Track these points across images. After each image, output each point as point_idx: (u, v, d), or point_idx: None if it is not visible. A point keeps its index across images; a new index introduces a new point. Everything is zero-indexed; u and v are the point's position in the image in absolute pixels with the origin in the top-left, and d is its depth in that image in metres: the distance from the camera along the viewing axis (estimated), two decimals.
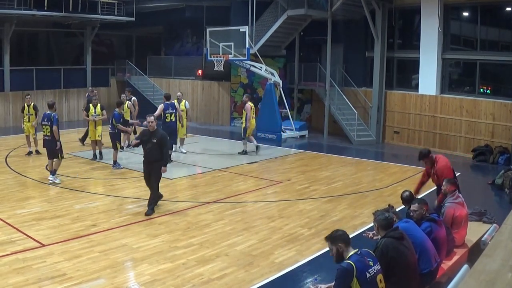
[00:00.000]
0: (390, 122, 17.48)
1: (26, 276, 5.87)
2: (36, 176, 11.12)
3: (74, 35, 23.29)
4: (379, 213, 4.85)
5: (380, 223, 4.74)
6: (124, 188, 10.24)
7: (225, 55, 17.05)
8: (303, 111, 21.12)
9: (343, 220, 8.54)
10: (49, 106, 10.63)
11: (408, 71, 17.70)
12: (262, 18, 18.79)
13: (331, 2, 17.21)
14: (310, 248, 7.18)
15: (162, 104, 13.11)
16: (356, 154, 15.33)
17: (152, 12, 23.13)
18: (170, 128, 12.60)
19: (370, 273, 4.19)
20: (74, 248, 6.85)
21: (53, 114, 10.34)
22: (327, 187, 10.88)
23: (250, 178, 11.57)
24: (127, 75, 23.38)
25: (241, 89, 20.77)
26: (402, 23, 18.16)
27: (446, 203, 6.31)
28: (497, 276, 3.47)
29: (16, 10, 18.21)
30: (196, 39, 23.16)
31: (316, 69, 19.08)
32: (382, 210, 4.97)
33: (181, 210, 8.91)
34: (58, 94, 21.08)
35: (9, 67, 19.60)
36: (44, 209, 8.64)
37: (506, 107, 14.19)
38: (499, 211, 8.89)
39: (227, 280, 6.03)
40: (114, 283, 5.82)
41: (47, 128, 10.32)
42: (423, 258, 4.90)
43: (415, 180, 11.73)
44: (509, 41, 15.08)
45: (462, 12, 16.18)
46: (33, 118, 13.30)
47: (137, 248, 6.95)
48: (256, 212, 9.05)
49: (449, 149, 15.59)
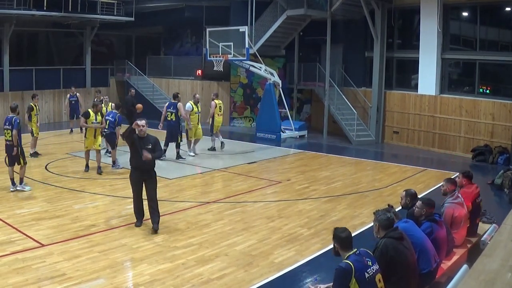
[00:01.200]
0: (389, 122, 17.49)
1: (26, 276, 5.86)
2: (35, 176, 11.11)
3: (74, 35, 23.29)
4: (381, 213, 4.85)
5: (382, 223, 4.74)
6: (124, 188, 10.21)
7: (224, 55, 17.04)
8: (302, 111, 21.13)
9: (342, 220, 8.53)
10: (12, 110, 9.90)
11: (408, 71, 17.72)
12: (262, 18, 18.81)
13: (331, 2, 17.22)
14: (310, 248, 7.18)
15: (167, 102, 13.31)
16: (356, 154, 15.33)
17: (151, 12, 23.14)
18: (170, 127, 12.86)
19: (368, 273, 4.20)
20: (73, 248, 6.84)
21: (15, 118, 9.59)
22: (327, 187, 10.88)
23: (249, 178, 11.57)
24: (126, 75, 23.38)
25: (241, 89, 20.79)
26: (401, 23, 18.16)
27: (446, 203, 6.31)
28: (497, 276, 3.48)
29: (16, 10, 18.21)
30: (196, 39, 23.17)
31: (315, 69, 19.08)
32: (383, 210, 4.96)
33: (181, 210, 8.90)
34: (58, 94, 21.06)
35: (9, 67, 19.61)
36: (43, 209, 8.63)
37: (506, 107, 14.19)
38: (498, 211, 8.89)
39: (227, 280, 6.03)
40: (113, 283, 5.82)
41: (8, 132, 9.60)
42: (423, 258, 4.90)
43: (414, 180, 11.79)
44: (508, 41, 15.09)
45: (462, 12, 16.19)
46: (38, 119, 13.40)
47: (136, 248, 6.95)
48: (256, 212, 9.05)
49: (448, 149, 15.60)
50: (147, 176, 7.61)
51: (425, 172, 12.76)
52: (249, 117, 20.89)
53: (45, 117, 20.51)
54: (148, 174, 7.61)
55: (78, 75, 22.38)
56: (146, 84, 22.82)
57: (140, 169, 7.56)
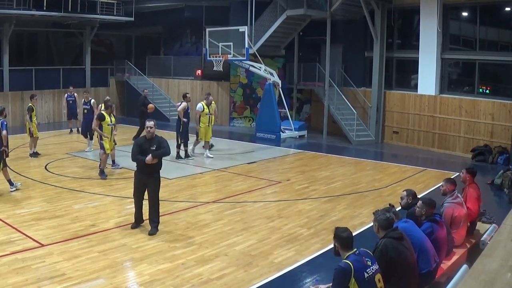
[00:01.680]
0: (389, 122, 17.49)
1: (25, 276, 5.86)
2: (35, 176, 11.11)
3: (74, 35, 23.28)
4: (380, 213, 4.85)
5: (381, 223, 4.74)
6: (123, 188, 10.22)
7: (224, 55, 17.05)
8: (302, 111, 21.13)
9: (342, 220, 8.53)
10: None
11: (407, 71, 17.72)
12: (261, 18, 18.81)
13: (330, 2, 17.23)
14: (309, 248, 7.18)
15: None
16: (355, 154, 15.34)
17: (151, 12, 23.15)
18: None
19: (368, 273, 4.20)
20: (73, 248, 6.84)
21: (2, 121, 9.61)
22: (326, 187, 10.88)
23: (249, 178, 11.57)
24: (126, 75, 23.38)
25: (240, 89, 20.79)
26: (401, 23, 18.17)
27: (445, 203, 6.31)
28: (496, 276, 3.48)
29: (15, 10, 18.20)
30: (195, 39, 23.17)
31: (315, 69, 19.09)
32: (383, 210, 4.96)
33: (181, 210, 8.90)
34: (58, 94, 21.05)
35: (8, 67, 19.60)
36: (43, 209, 8.63)
37: (506, 107, 14.19)
38: (498, 211, 8.89)
39: (226, 280, 6.03)
40: (113, 283, 5.82)
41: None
42: (423, 258, 4.90)
43: (414, 180, 11.79)
44: (508, 41, 15.10)
45: (461, 12, 16.20)
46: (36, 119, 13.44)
47: (136, 248, 6.95)
48: (255, 212, 9.05)
49: (448, 149, 15.61)
50: (150, 177, 7.51)
51: (424, 172, 12.77)
52: (249, 117, 20.89)
53: (45, 117, 20.54)
54: (151, 175, 7.51)
55: (78, 75, 22.38)
56: (146, 84, 22.78)
57: (143, 171, 7.50)
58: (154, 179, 7.54)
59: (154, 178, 7.54)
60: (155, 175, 7.55)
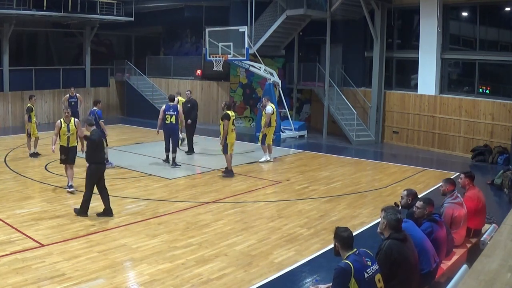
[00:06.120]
0: (389, 122, 17.49)
1: (25, 276, 5.86)
2: (35, 176, 11.11)
3: (73, 35, 23.28)
4: (392, 211, 4.69)
5: (391, 223, 4.62)
6: (123, 188, 10.22)
7: (224, 55, 17.04)
8: (302, 111, 21.13)
9: (342, 220, 8.53)
10: None
11: (407, 71, 17.71)
12: (261, 18, 18.79)
13: (330, 2, 17.22)
14: (309, 248, 7.18)
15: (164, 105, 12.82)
16: (355, 154, 15.34)
17: (151, 12, 23.13)
18: (169, 130, 12.29)
19: (368, 273, 4.19)
20: (73, 248, 6.84)
21: (98, 111, 11.40)
22: (326, 187, 10.88)
23: (249, 178, 11.57)
24: (126, 75, 23.37)
25: (240, 89, 20.77)
26: (401, 23, 18.17)
27: (445, 203, 6.31)
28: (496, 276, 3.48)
29: (15, 10, 18.19)
30: (195, 39, 23.17)
31: (315, 69, 19.07)
32: (393, 209, 4.79)
33: (180, 210, 8.90)
34: (57, 94, 21.04)
35: (8, 67, 19.58)
36: (43, 209, 8.63)
37: (505, 107, 14.19)
38: (498, 211, 8.90)
39: (226, 280, 6.03)
40: (113, 283, 5.82)
41: None
42: (422, 258, 4.89)
43: (414, 180, 11.79)
44: (508, 41, 15.09)
45: (461, 12, 16.20)
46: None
47: (136, 248, 6.95)
48: (255, 212, 9.04)
49: (448, 149, 15.61)
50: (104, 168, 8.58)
51: (424, 172, 12.76)
52: (249, 117, 20.87)
53: (45, 117, 20.50)
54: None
55: (77, 75, 22.35)
56: (145, 84, 22.82)
57: (102, 163, 8.61)
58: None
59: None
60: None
